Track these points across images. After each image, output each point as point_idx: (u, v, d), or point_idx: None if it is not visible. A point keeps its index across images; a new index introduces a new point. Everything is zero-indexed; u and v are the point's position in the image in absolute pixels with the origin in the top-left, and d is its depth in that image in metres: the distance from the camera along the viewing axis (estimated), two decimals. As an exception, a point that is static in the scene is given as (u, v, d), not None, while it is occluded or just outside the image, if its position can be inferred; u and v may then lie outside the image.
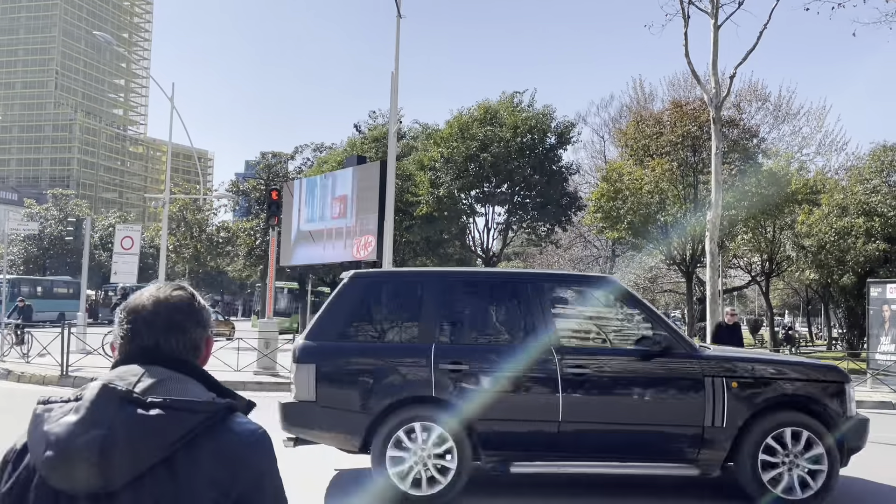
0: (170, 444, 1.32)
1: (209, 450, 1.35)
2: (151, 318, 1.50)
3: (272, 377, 15.92)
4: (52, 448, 1.31)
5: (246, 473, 1.39)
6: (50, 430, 1.33)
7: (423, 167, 24.31)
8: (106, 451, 1.29)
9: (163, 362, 1.46)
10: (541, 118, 23.38)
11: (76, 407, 1.34)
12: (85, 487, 1.30)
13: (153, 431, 1.32)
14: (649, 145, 23.54)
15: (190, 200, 28.93)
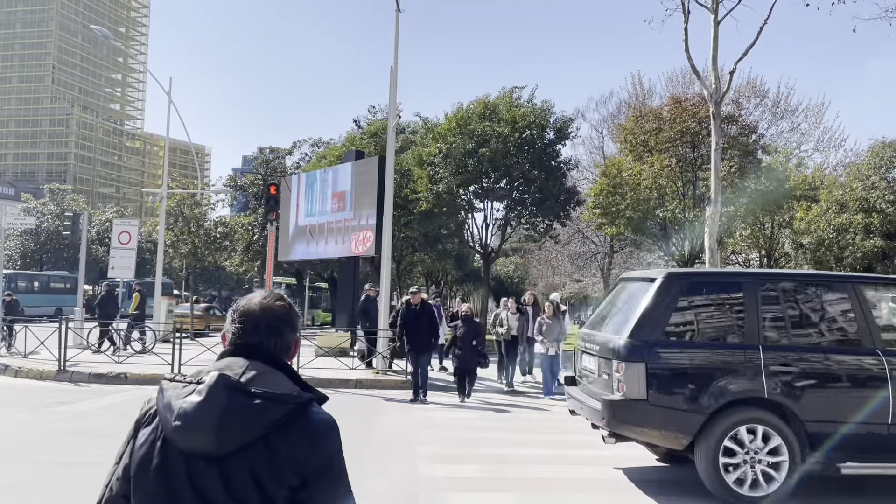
0: (265, 426, 1.74)
1: (293, 432, 1.76)
2: (258, 322, 1.91)
3: (271, 372, 15.90)
4: (180, 419, 1.73)
5: (319, 453, 1.79)
6: (178, 405, 1.75)
7: (422, 162, 24.24)
8: (220, 426, 1.71)
9: (261, 358, 1.87)
10: (539, 113, 23.31)
11: (199, 389, 1.76)
12: (202, 450, 1.73)
13: (255, 415, 1.73)
14: (648, 141, 23.49)
15: (187, 195, 28.83)
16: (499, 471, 7.76)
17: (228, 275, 71.05)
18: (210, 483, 1.74)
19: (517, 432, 10.40)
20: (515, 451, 8.92)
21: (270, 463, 1.74)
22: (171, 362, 15.11)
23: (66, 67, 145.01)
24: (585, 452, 8.94)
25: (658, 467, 8.20)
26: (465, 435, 9.82)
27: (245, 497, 1.74)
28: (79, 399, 12.41)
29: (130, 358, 16.08)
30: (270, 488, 1.74)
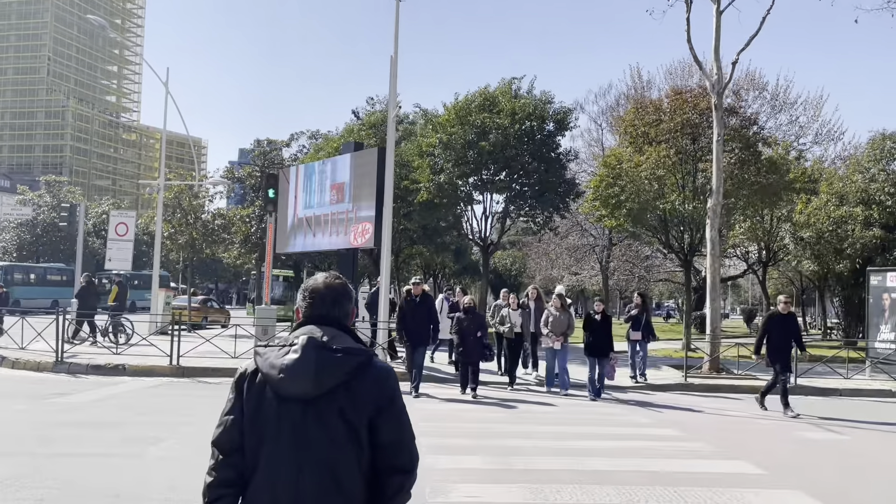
0: (346, 372, 2.33)
1: (366, 377, 2.35)
2: (325, 297, 2.50)
3: (269, 364, 15.80)
4: (283, 372, 2.30)
5: (386, 391, 2.39)
6: (279, 362, 2.32)
7: (422, 153, 24.10)
8: (316, 375, 2.29)
9: (330, 324, 2.45)
10: (539, 104, 23.15)
11: (294, 349, 2.34)
12: (300, 394, 2.30)
13: (339, 365, 2.33)
14: (648, 132, 23.34)
15: (185, 187, 28.65)
16: (505, 462, 7.66)
17: (225, 267, 71.00)
18: (307, 418, 2.32)
19: (522, 424, 10.31)
20: (521, 442, 8.82)
21: (351, 400, 2.33)
22: (170, 353, 14.99)
23: (62, 59, 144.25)
24: (593, 444, 8.86)
25: (669, 459, 8.12)
26: (467, 426, 9.73)
27: (334, 426, 2.32)
28: (76, 390, 12.29)
29: (126, 350, 15.93)
30: (352, 418, 2.33)
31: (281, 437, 2.33)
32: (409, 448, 2.45)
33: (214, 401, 12.49)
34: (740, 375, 16.45)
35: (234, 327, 16.81)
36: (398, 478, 2.40)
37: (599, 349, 13.20)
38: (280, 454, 2.33)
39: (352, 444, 2.34)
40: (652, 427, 10.35)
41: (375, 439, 2.38)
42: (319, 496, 2.30)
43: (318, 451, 2.31)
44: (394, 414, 2.41)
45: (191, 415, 10.19)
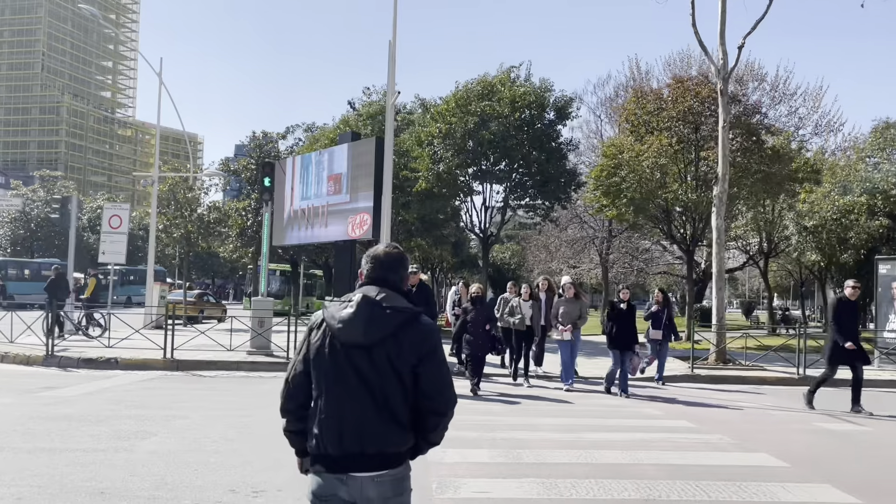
0: (394, 326, 2.78)
1: (411, 330, 2.80)
2: (382, 262, 2.96)
3: (266, 357, 15.39)
4: (341, 323, 2.80)
5: (428, 343, 2.83)
6: (339, 314, 2.82)
7: (421, 142, 23.66)
8: (366, 327, 2.76)
9: (386, 286, 2.90)
10: (539, 92, 22.70)
11: (350, 305, 2.82)
12: (355, 341, 2.77)
13: (387, 320, 2.78)
14: (650, 121, 22.98)
15: (180, 179, 28.20)
16: (514, 455, 7.27)
17: (222, 262, 70.45)
18: (361, 362, 2.76)
19: (529, 416, 9.94)
20: (528, 435, 8.43)
21: (398, 349, 2.76)
22: (164, 346, 14.59)
23: (56, 55, 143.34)
24: (604, 436, 8.48)
25: (686, 452, 7.75)
26: (474, 419, 9.33)
27: (383, 370, 2.76)
28: (66, 384, 11.88)
29: (117, 343, 15.51)
30: (398, 365, 2.77)
31: (345, 374, 2.80)
32: (445, 395, 2.88)
33: (209, 394, 12.16)
34: (747, 366, 16.08)
35: (230, 319, 16.37)
36: (434, 418, 2.91)
37: (624, 342, 12.22)
38: (344, 388, 2.79)
39: (399, 384, 2.79)
40: (664, 419, 9.98)
41: (417, 384, 2.82)
42: (376, 420, 2.77)
43: (374, 387, 2.77)
44: (434, 364, 2.84)
45: (184, 408, 9.80)
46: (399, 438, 2.82)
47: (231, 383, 12.80)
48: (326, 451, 2.81)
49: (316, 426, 2.84)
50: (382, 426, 2.78)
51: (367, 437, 2.78)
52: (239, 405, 10.22)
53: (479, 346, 11.91)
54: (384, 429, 2.78)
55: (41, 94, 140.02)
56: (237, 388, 12.11)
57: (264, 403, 10.30)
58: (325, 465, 2.83)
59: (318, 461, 2.85)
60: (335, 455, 2.80)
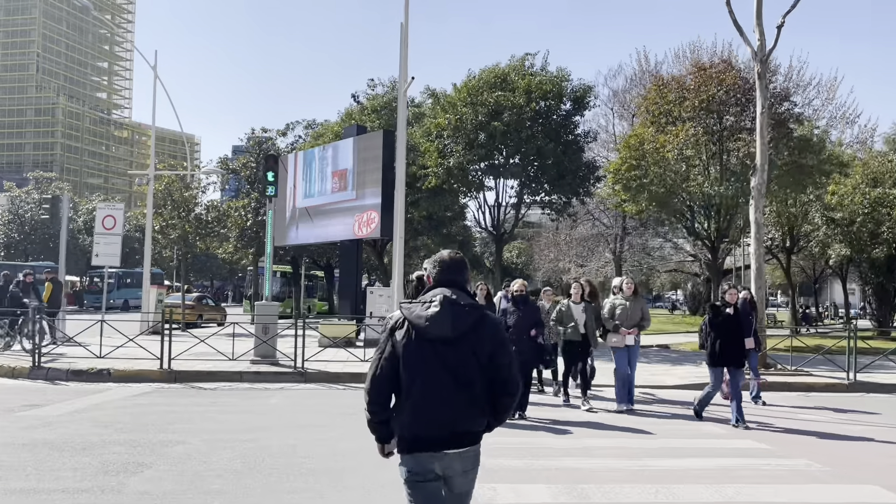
0: (473, 321, 3.28)
1: (486, 325, 3.31)
2: (450, 266, 3.47)
3: (271, 366, 14.19)
4: (428, 321, 3.25)
5: (499, 336, 3.36)
6: (425, 314, 3.27)
7: (430, 134, 22.44)
8: (452, 322, 3.24)
9: (454, 287, 3.40)
10: (556, 82, 21.46)
11: (434, 304, 3.28)
12: (442, 336, 3.23)
13: (467, 316, 3.28)
14: (672, 110, 21.80)
15: (176, 178, 26.98)
16: (580, 494, 6.09)
17: (220, 264, 69.16)
18: (448, 354, 3.24)
19: (579, 437, 8.74)
20: (586, 463, 7.25)
21: (478, 341, 3.27)
22: (160, 356, 13.40)
23: (51, 56, 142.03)
24: (673, 464, 7.29)
25: (780, 485, 6.56)
26: (523, 446, 8.15)
27: (467, 360, 3.25)
28: (50, 401, 10.68)
29: (113, 352, 14.30)
30: (479, 354, 3.27)
31: (434, 365, 3.24)
32: (516, 379, 3.37)
33: (210, 411, 10.88)
34: (792, 371, 14.89)
35: (232, 325, 15.15)
36: (507, 399, 3.34)
37: (733, 356, 9.59)
38: (434, 377, 3.24)
39: (480, 371, 3.27)
40: (729, 438, 8.78)
41: (492, 370, 3.29)
42: (463, 403, 3.24)
43: (460, 375, 3.24)
44: (507, 353, 3.34)
45: (182, 430, 8.60)
46: (481, 419, 3.29)
47: (234, 397, 11.62)
48: (421, 433, 3.23)
49: (408, 414, 3.24)
50: (468, 409, 3.23)
51: (457, 419, 3.23)
52: (245, 425, 9.04)
53: (524, 358, 9.49)
54: (469, 411, 3.24)
55: (36, 95, 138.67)
56: (241, 404, 10.92)
57: (273, 424, 9.11)
58: (421, 447, 3.24)
59: (412, 443, 3.26)
60: (429, 437, 3.23)
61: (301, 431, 8.68)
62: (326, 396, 11.74)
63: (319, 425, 9.04)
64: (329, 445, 7.85)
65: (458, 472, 3.26)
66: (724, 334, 9.58)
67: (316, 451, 7.53)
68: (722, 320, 9.67)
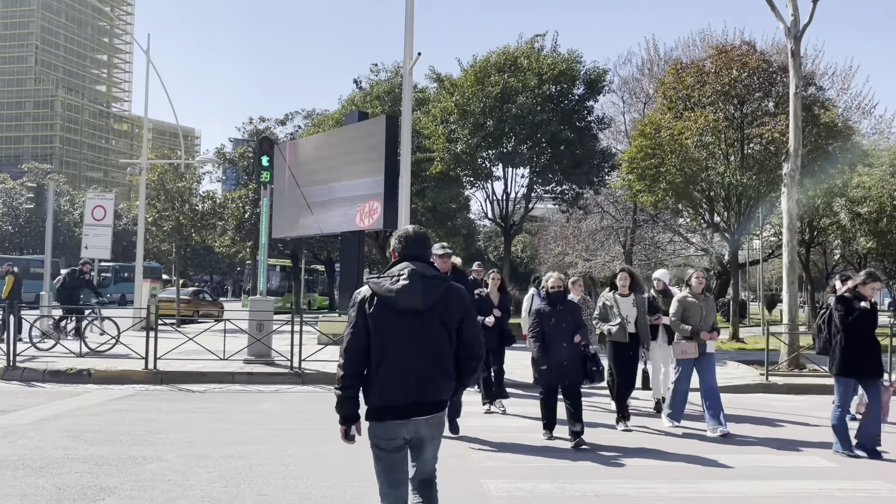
0: (441, 292, 3.54)
1: (453, 295, 3.60)
2: (414, 240, 3.71)
3: (266, 366, 13.10)
4: (398, 293, 3.47)
5: (465, 304, 3.66)
6: (394, 287, 3.49)
7: (436, 120, 21.30)
8: (422, 293, 3.48)
9: (419, 260, 3.63)
10: (569, 63, 20.26)
11: (403, 278, 3.51)
12: (413, 307, 3.47)
13: (435, 287, 3.54)
14: (691, 95, 20.67)
15: (170, 168, 25.89)
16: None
17: (220, 258, 68.00)
18: (418, 324, 3.48)
19: (636, 458, 7.65)
20: (635, 487, 6.16)
21: (446, 311, 3.54)
22: (146, 355, 12.31)
23: (50, 48, 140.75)
24: (732, 488, 6.19)
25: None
26: (544, 465, 7.06)
27: (436, 329, 3.51)
28: (20, 406, 9.60)
29: (96, 350, 13.22)
30: (448, 323, 3.54)
31: (404, 336, 3.45)
32: (480, 342, 3.68)
33: (195, 418, 9.41)
34: (826, 372, 13.76)
35: (224, 322, 13.99)
36: (473, 362, 3.63)
37: (870, 363, 7.48)
38: (404, 347, 3.45)
39: (448, 340, 3.54)
40: (786, 452, 7.70)
41: (460, 337, 3.58)
42: (432, 372, 3.48)
43: (429, 345, 3.48)
44: (472, 319, 3.67)
45: (160, 442, 7.53)
46: (448, 386, 3.57)
47: (224, 401, 10.54)
48: (392, 402, 3.46)
49: (378, 383, 3.47)
50: (437, 377, 3.51)
51: (425, 386, 3.48)
52: (232, 436, 7.96)
53: (565, 370, 7.60)
54: (438, 380, 3.52)
55: (35, 88, 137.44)
56: (231, 409, 9.84)
57: (264, 435, 8.03)
58: (391, 414, 3.47)
59: (383, 411, 3.49)
60: (400, 404, 3.46)
61: (295, 445, 7.60)
62: (324, 401, 10.65)
63: (317, 437, 7.95)
64: (328, 463, 6.77)
65: (427, 438, 3.53)
66: (860, 335, 7.46)
67: (313, 472, 6.44)
68: (857, 318, 7.44)
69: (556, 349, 7.59)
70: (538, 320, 7.76)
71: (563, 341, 7.59)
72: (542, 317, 7.77)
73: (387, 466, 3.51)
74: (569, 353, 7.59)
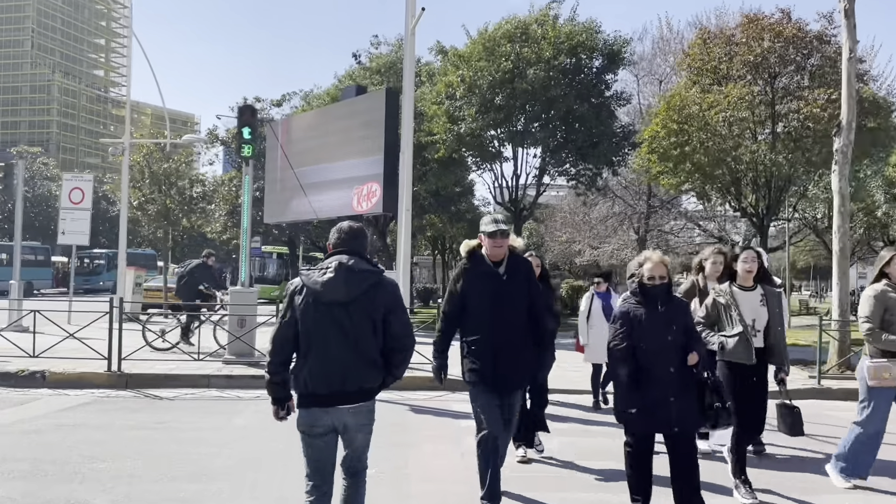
0: (367, 285, 3.66)
1: (380, 288, 3.71)
2: (347, 234, 3.82)
3: (248, 367, 11.48)
4: (323, 286, 3.62)
5: (393, 297, 3.76)
6: (321, 279, 3.63)
7: (439, 96, 19.58)
8: (345, 286, 3.62)
9: (352, 254, 3.74)
10: (589, 33, 18.45)
11: (329, 271, 3.66)
12: (336, 300, 3.62)
13: (360, 281, 3.65)
14: (719, 68, 18.95)
15: (156, 147, 24.22)
16: None
17: (219, 245, 66.30)
18: (341, 316, 3.60)
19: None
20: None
21: (371, 304, 3.64)
22: (108, 355, 10.69)
23: (47, 31, 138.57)
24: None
25: None
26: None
27: (359, 321, 3.61)
28: (-58, 422, 7.99)
29: (54, 347, 11.55)
30: (373, 316, 3.64)
31: (328, 327, 3.58)
32: (410, 335, 3.78)
33: (154, 437, 5.66)
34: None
35: (201, 317, 12.28)
36: (400, 355, 3.74)
37: None
38: (328, 338, 3.57)
39: (372, 331, 3.64)
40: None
41: (387, 329, 3.68)
42: (355, 363, 3.59)
43: (352, 335, 3.58)
44: (400, 312, 3.76)
45: (97, 477, 5.90)
46: (373, 376, 3.65)
47: (192, 412, 8.92)
48: (315, 391, 3.59)
49: (304, 372, 3.60)
50: (360, 368, 3.60)
51: (348, 377, 3.58)
52: (189, 465, 6.33)
53: (669, 412, 4.67)
54: (361, 370, 3.60)
55: (31, 72, 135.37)
56: (199, 423, 8.23)
57: (228, 464, 6.39)
58: (314, 402, 3.61)
59: (307, 399, 3.63)
60: (323, 393, 3.59)
61: (267, 481, 5.98)
62: (313, 412, 9.07)
63: (292, 467, 6.32)
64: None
65: (353, 427, 3.66)
66: None
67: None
68: None
69: (658, 376, 4.67)
70: (626, 330, 4.77)
71: (670, 363, 4.69)
72: (631, 324, 4.76)
73: (311, 451, 3.68)
74: (678, 382, 4.70)
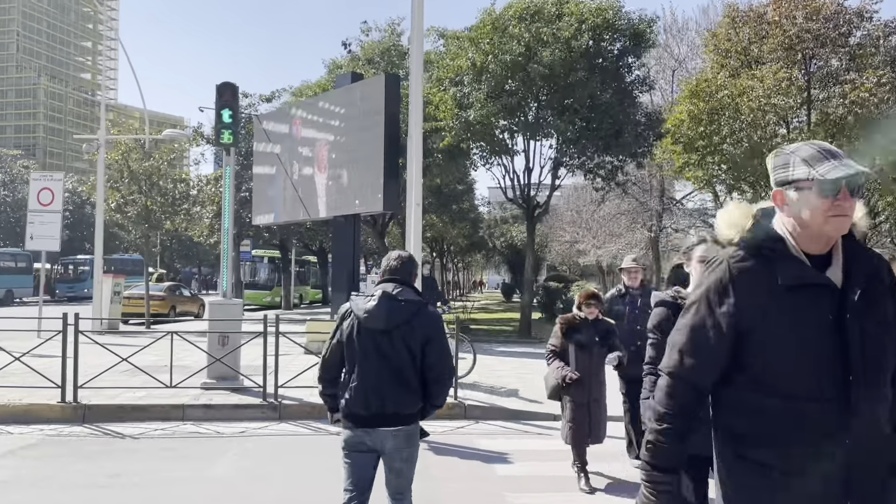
0: (408, 315, 3.76)
1: (421, 318, 3.78)
2: (396, 262, 3.95)
3: (231, 392, 9.67)
4: (366, 313, 3.76)
5: (434, 328, 3.81)
6: (364, 306, 3.78)
7: (442, 82, 17.78)
8: (385, 316, 3.74)
9: (400, 283, 3.87)
10: (614, 10, 16.65)
11: (373, 299, 3.78)
12: (378, 328, 3.73)
13: (402, 310, 3.77)
14: (750, 49, 17.26)
15: (136, 144, 22.37)
16: None
17: (209, 250, 64.43)
18: (382, 343, 3.71)
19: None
20: None
21: (411, 333, 3.73)
22: (62, 382, 8.85)
23: (32, 34, 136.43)
24: None
25: None
26: None
27: (399, 349, 3.72)
28: None
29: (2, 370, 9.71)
30: (411, 345, 3.73)
31: (370, 352, 3.71)
32: (447, 365, 3.85)
33: (100, 499, 3.56)
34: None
35: (170, 335, 10.27)
36: (437, 386, 3.82)
37: None
38: (370, 363, 3.71)
39: (412, 360, 3.73)
40: None
41: (424, 360, 3.76)
42: (394, 388, 3.70)
43: (393, 362, 3.70)
44: (438, 343, 3.80)
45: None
46: (411, 402, 3.76)
47: (158, 457, 7.10)
48: (356, 411, 3.73)
49: (347, 393, 3.75)
50: (398, 393, 3.71)
51: (386, 401, 3.69)
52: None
53: None
54: (399, 395, 3.71)
55: (17, 76, 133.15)
56: (163, 475, 6.42)
57: None
58: (354, 422, 3.76)
59: (350, 419, 3.77)
60: (363, 415, 3.72)
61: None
62: (310, 453, 7.26)
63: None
64: None
65: (391, 449, 3.75)
66: None
67: None
68: None
69: None
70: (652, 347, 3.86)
71: None
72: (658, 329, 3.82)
73: (351, 468, 3.82)
74: None
